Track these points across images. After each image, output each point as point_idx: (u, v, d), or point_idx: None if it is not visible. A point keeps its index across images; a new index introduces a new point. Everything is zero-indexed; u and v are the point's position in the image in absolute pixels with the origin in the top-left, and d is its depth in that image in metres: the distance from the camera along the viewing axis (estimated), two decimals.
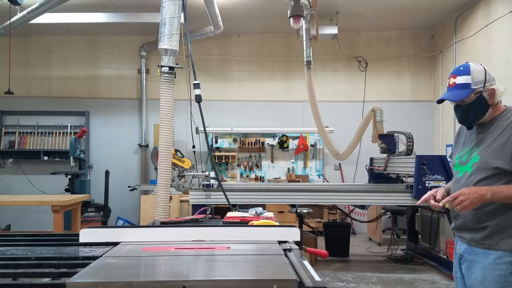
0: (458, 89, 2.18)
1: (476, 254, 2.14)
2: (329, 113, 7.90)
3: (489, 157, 2.12)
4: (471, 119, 2.23)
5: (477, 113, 2.20)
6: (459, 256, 2.26)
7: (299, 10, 5.68)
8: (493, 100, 2.18)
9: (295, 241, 2.01)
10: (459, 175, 2.27)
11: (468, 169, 2.22)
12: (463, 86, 2.17)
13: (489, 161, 2.12)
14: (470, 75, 2.16)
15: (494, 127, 2.19)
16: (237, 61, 8.99)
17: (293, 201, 5.88)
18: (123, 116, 8.91)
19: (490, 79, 2.18)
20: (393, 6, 7.46)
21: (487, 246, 2.10)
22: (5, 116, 8.75)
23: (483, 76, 2.16)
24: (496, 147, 2.12)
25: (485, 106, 2.18)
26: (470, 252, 2.18)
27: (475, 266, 2.13)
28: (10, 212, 8.34)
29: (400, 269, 5.84)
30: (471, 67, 2.19)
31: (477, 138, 2.24)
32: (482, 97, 2.17)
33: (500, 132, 2.14)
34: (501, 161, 2.08)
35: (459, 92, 2.18)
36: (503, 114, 2.20)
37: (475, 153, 2.21)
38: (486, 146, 2.17)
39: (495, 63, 6.56)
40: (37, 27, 7.75)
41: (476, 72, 2.17)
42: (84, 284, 1.37)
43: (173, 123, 4.37)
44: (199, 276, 1.58)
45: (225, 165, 8.79)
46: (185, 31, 4.29)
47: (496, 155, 2.11)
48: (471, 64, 2.20)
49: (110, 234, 2.02)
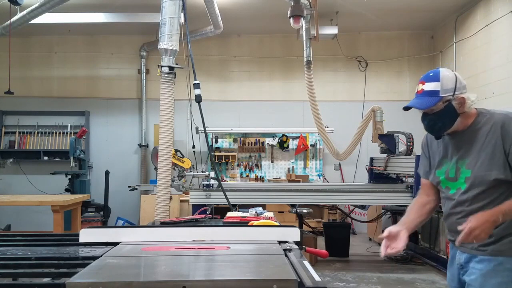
0: (426, 96, 2.06)
1: (476, 262, 2.07)
2: (329, 113, 7.91)
3: (482, 170, 2.03)
4: (438, 129, 2.12)
5: (445, 122, 2.08)
6: (459, 266, 2.17)
7: (299, 10, 5.68)
8: (463, 109, 2.06)
9: (295, 241, 2.01)
10: (451, 191, 2.15)
11: (461, 185, 2.11)
12: (431, 94, 2.04)
13: (483, 175, 2.02)
14: (439, 81, 2.04)
15: (473, 136, 2.08)
16: (237, 61, 8.98)
17: (293, 201, 5.88)
18: (123, 116, 8.91)
19: (461, 87, 2.05)
20: (393, 6, 7.46)
21: (488, 252, 2.03)
22: (5, 116, 8.75)
23: (453, 84, 2.04)
24: (485, 158, 2.02)
25: (454, 115, 2.06)
26: (471, 260, 2.10)
27: (474, 273, 2.07)
28: (10, 212, 8.34)
29: (400, 269, 5.84)
30: (441, 73, 2.06)
31: (457, 150, 2.13)
32: (451, 106, 2.04)
33: (483, 140, 2.04)
34: (495, 172, 2.00)
35: (427, 100, 2.05)
36: (477, 120, 2.09)
37: (462, 167, 2.10)
38: (473, 158, 2.06)
39: (495, 63, 6.56)
40: (37, 27, 7.75)
41: (446, 79, 2.04)
42: (84, 284, 1.37)
43: (173, 123, 4.37)
44: (199, 276, 1.59)
45: (225, 165, 8.79)
46: (185, 31, 4.29)
47: (487, 166, 2.02)
48: (442, 70, 2.08)
49: (110, 234, 2.02)
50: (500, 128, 2.00)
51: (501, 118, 2.03)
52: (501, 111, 2.09)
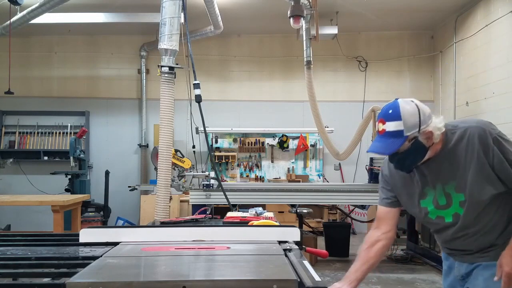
0: (389, 138, 1.85)
1: (479, 269, 2.01)
2: (329, 113, 7.90)
3: (475, 191, 1.91)
4: (409, 166, 1.98)
5: (415, 159, 1.93)
6: (460, 277, 2.09)
7: (299, 10, 5.68)
8: (432, 142, 1.90)
9: (295, 241, 2.01)
10: (448, 220, 2.02)
11: (456, 210, 1.98)
12: (394, 134, 1.84)
13: (478, 195, 1.91)
14: (401, 120, 1.83)
15: (450, 157, 1.94)
16: (237, 61, 8.98)
17: (293, 201, 5.88)
18: (123, 116, 8.91)
19: (426, 118, 1.86)
20: (393, 6, 7.46)
21: (491, 257, 1.97)
22: (5, 116, 8.75)
23: (416, 119, 1.84)
24: (474, 177, 1.90)
25: (423, 151, 1.91)
26: (471, 269, 2.04)
27: (477, 278, 2.01)
28: (10, 212, 8.33)
29: (400, 269, 5.84)
30: (401, 109, 1.84)
31: (438, 175, 1.98)
32: (418, 143, 1.88)
33: (463, 159, 1.92)
34: (489, 188, 1.90)
35: (390, 142, 1.85)
36: (448, 139, 1.94)
37: (452, 192, 1.97)
38: (461, 180, 1.93)
39: (495, 63, 6.56)
40: (37, 27, 7.75)
41: (408, 115, 1.83)
42: (84, 284, 1.37)
43: (173, 123, 4.37)
44: (199, 276, 1.59)
45: (225, 165, 8.79)
46: (185, 31, 4.29)
47: (480, 185, 1.91)
48: (401, 104, 1.86)
49: (110, 234, 2.02)
50: (478, 142, 1.88)
51: (474, 132, 1.90)
52: (471, 121, 1.97)
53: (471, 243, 2.02)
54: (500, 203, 1.96)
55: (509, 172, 1.88)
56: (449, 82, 8.06)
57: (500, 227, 1.98)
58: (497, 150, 1.87)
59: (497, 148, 1.87)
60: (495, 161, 1.88)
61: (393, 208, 2.18)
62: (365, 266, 2.06)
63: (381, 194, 2.22)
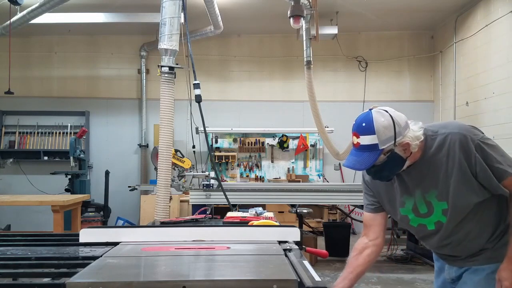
0: (364, 152, 1.79)
1: (469, 273, 1.98)
2: (329, 113, 7.90)
3: (459, 199, 1.87)
4: (386, 177, 1.92)
5: (392, 170, 1.88)
6: (451, 280, 2.08)
7: (299, 10, 5.68)
8: (409, 152, 1.84)
9: (295, 241, 2.01)
10: (430, 227, 1.97)
11: (439, 218, 1.93)
12: (369, 148, 1.78)
13: (462, 204, 1.87)
14: (375, 134, 1.77)
15: (431, 165, 1.88)
16: (237, 61, 8.98)
17: (293, 201, 5.88)
18: (123, 116, 8.91)
19: (401, 130, 1.78)
20: (393, 6, 7.46)
21: (480, 262, 1.95)
22: (5, 116, 8.75)
23: (391, 131, 1.77)
24: (456, 185, 1.85)
25: (400, 162, 1.84)
26: (461, 272, 2.02)
27: (466, 283, 1.99)
28: (10, 212, 8.33)
29: (400, 269, 5.84)
30: (374, 122, 1.77)
31: (418, 183, 1.93)
32: (394, 154, 1.81)
33: (445, 167, 1.86)
34: (474, 196, 1.86)
35: (366, 157, 1.79)
36: (428, 146, 1.88)
37: (434, 200, 1.92)
38: (443, 189, 1.88)
39: (495, 63, 6.55)
40: (37, 27, 7.75)
41: (381, 129, 1.76)
42: (84, 284, 1.37)
43: (173, 123, 4.37)
44: (199, 276, 1.59)
45: (225, 165, 8.79)
46: (185, 31, 4.29)
47: (464, 193, 1.86)
48: (375, 116, 1.79)
49: (110, 234, 2.02)
50: (459, 149, 1.82)
51: (455, 138, 1.83)
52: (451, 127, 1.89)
53: (459, 250, 2.00)
54: (484, 208, 1.91)
55: (491, 180, 1.82)
56: (449, 82, 8.06)
57: (488, 231, 1.94)
58: (479, 157, 1.81)
59: (480, 155, 1.81)
60: (477, 169, 1.82)
61: (378, 214, 2.13)
62: (352, 274, 2.04)
63: (364, 200, 2.16)
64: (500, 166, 1.81)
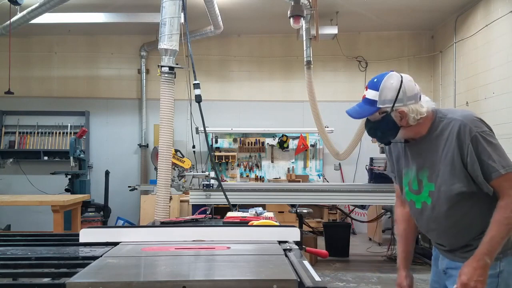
0: (365, 105, 1.93)
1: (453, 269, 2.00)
2: (329, 113, 7.89)
3: (445, 184, 1.91)
4: (380, 138, 2.02)
5: (385, 133, 1.97)
6: (442, 271, 2.11)
7: (299, 10, 5.69)
8: (405, 123, 1.91)
9: (295, 241, 2.01)
10: (418, 206, 2.04)
11: (426, 199, 1.99)
12: (370, 103, 1.92)
13: (447, 189, 1.90)
14: (378, 91, 1.89)
15: (432, 145, 1.94)
16: (237, 61, 8.99)
17: (293, 201, 5.88)
18: (123, 116, 8.91)
19: (404, 98, 1.88)
20: (393, 6, 7.46)
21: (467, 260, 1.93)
22: (5, 116, 8.75)
23: (393, 95, 1.87)
24: (445, 170, 1.90)
25: (393, 128, 1.93)
26: (452, 267, 2.02)
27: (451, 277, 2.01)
28: (10, 212, 8.33)
29: None
30: (383, 82, 1.90)
31: (416, 160, 2.01)
32: (389, 118, 1.90)
33: (441, 150, 1.91)
34: (458, 185, 1.88)
35: (363, 109, 1.93)
36: (434, 126, 1.94)
37: (424, 180, 1.98)
38: (434, 171, 1.94)
39: (495, 63, 6.55)
40: (37, 27, 7.75)
41: (385, 89, 1.88)
42: (84, 284, 1.37)
43: (173, 123, 4.37)
44: (199, 276, 1.59)
45: (225, 165, 8.79)
46: (185, 31, 4.29)
47: (450, 180, 1.89)
48: (386, 78, 1.91)
49: (110, 234, 2.02)
50: (456, 137, 1.87)
51: (456, 125, 1.88)
52: (458, 114, 1.93)
53: (444, 239, 2.03)
54: (477, 203, 1.92)
55: (477, 174, 1.85)
56: (449, 82, 8.06)
57: (477, 227, 1.94)
58: (472, 149, 1.84)
59: (473, 147, 1.84)
60: (468, 160, 1.85)
61: None
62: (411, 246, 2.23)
63: (388, 169, 2.28)
64: (492, 163, 1.83)
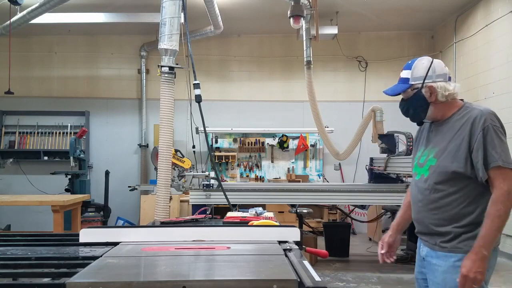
0: (400, 83, 2.15)
1: (437, 258, 2.08)
2: (329, 113, 7.90)
3: (445, 161, 2.04)
4: (412, 115, 2.19)
5: (416, 110, 2.14)
6: (422, 258, 2.20)
7: (299, 10, 5.68)
8: (434, 98, 2.09)
9: (295, 241, 2.01)
10: (417, 177, 2.19)
11: (424, 172, 2.13)
12: (403, 81, 2.13)
13: (445, 165, 2.04)
14: (411, 69, 2.12)
15: (450, 127, 2.09)
16: (237, 61, 8.99)
17: (293, 201, 5.87)
18: (123, 116, 8.91)
19: (434, 75, 2.08)
20: (393, 6, 7.46)
21: (448, 249, 2.05)
22: (5, 116, 8.75)
23: (424, 72, 2.09)
24: (451, 150, 2.03)
25: (423, 104, 2.11)
26: (432, 256, 2.11)
27: (436, 269, 2.07)
28: (10, 212, 8.33)
29: (400, 269, 5.83)
30: (415, 62, 2.13)
31: (433, 139, 2.16)
32: (420, 94, 2.10)
33: (455, 132, 2.05)
34: (456, 164, 2.01)
35: (398, 86, 2.15)
36: (458, 112, 2.09)
37: (431, 155, 2.12)
38: (442, 148, 2.07)
39: (495, 63, 6.56)
40: (37, 27, 7.75)
41: (417, 67, 2.11)
42: (84, 284, 1.37)
43: (173, 123, 4.37)
44: (199, 276, 1.59)
45: (225, 165, 8.79)
46: (185, 31, 4.29)
47: (451, 158, 2.03)
48: (418, 60, 2.14)
49: (110, 234, 2.02)
50: (471, 124, 2.00)
51: (475, 114, 2.01)
52: (482, 107, 2.06)
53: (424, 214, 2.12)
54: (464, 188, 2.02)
55: (479, 159, 1.95)
56: None
57: (457, 216, 2.03)
58: (481, 136, 1.96)
59: (483, 136, 1.96)
60: (475, 146, 1.97)
61: None
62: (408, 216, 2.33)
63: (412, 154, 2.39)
64: (494, 153, 1.94)
